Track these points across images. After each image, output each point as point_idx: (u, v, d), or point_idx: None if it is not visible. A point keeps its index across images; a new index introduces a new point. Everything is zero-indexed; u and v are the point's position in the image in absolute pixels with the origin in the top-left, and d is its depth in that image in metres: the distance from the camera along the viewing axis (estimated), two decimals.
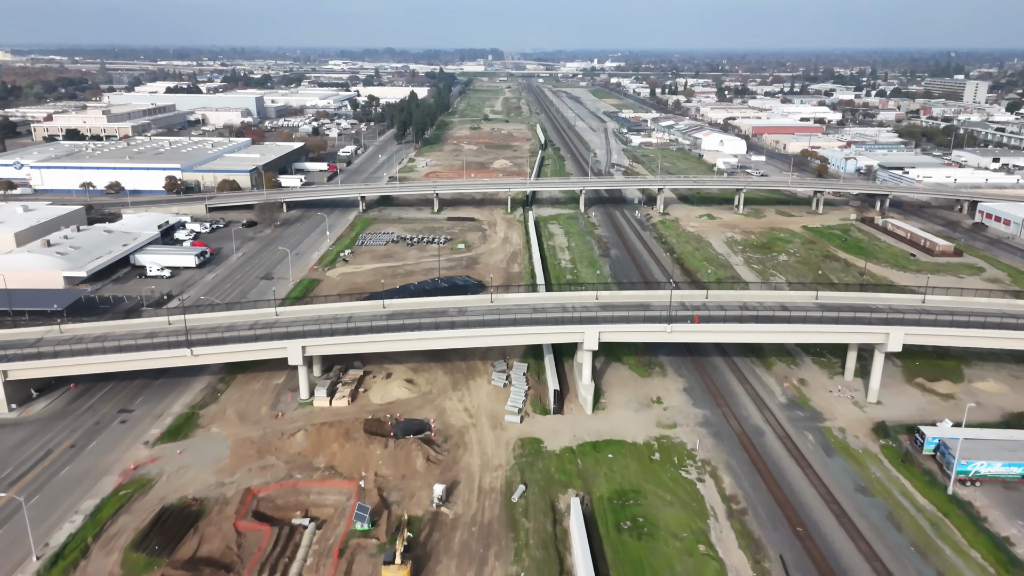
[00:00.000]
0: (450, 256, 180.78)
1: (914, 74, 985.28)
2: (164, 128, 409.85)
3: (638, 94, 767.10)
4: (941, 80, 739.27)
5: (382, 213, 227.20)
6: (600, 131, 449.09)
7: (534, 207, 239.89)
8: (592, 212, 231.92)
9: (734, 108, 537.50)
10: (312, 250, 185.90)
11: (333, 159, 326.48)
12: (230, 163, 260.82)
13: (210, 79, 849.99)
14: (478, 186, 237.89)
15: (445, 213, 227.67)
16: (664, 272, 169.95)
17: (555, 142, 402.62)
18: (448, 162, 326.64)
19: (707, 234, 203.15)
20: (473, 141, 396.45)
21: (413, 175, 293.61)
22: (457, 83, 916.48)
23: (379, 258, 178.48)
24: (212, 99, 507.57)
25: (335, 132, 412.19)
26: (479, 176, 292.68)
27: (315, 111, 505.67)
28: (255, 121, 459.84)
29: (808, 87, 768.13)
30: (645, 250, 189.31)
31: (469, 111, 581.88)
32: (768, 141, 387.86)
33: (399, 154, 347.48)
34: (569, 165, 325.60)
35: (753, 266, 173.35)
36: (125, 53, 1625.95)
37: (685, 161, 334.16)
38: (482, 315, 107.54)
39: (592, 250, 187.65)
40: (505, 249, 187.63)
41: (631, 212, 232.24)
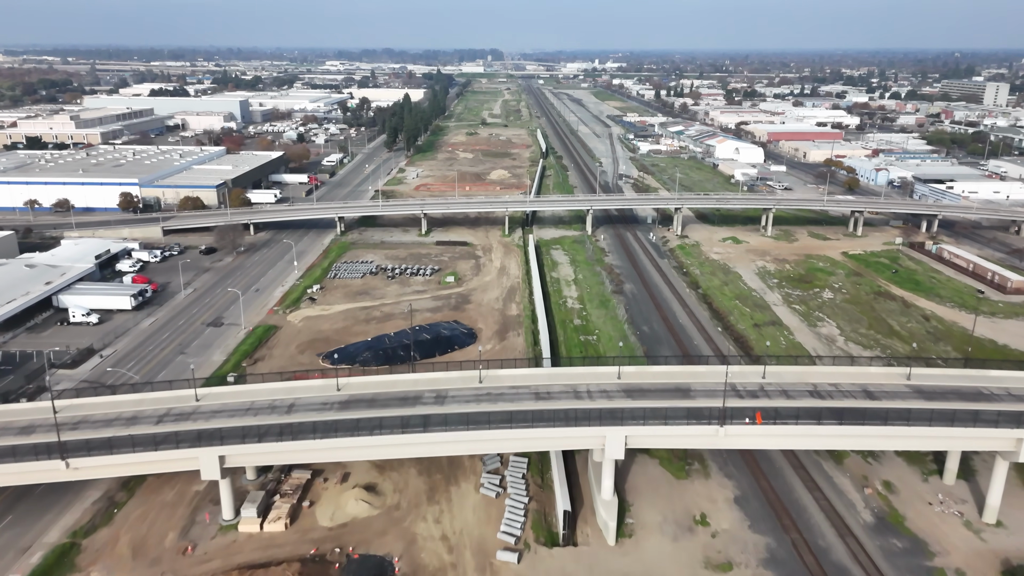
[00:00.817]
0: (437, 292, 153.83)
1: (925, 75, 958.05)
2: (138, 134, 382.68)
3: (642, 96, 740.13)
4: (959, 82, 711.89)
5: (363, 235, 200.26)
6: (605, 137, 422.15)
7: (535, 227, 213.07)
8: (601, 234, 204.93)
9: (745, 112, 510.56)
10: (276, 284, 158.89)
11: (316, 169, 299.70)
12: (196, 177, 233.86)
13: (199, 80, 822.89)
14: (472, 205, 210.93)
15: (434, 235, 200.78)
16: (690, 315, 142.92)
17: (557, 149, 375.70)
18: (441, 172, 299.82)
19: (734, 263, 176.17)
20: (469, 148, 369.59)
21: (402, 188, 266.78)
22: (455, 84, 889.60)
23: (353, 295, 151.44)
24: (194, 103, 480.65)
25: (322, 138, 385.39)
26: (474, 188, 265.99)
27: (304, 115, 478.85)
28: (239, 126, 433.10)
29: (818, 89, 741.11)
30: (665, 284, 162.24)
31: (466, 114, 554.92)
32: (786, 149, 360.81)
33: (388, 163, 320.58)
34: (573, 176, 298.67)
35: (794, 306, 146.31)
36: (120, 53, 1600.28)
37: (699, 171, 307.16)
38: (467, 403, 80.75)
39: (603, 284, 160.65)
40: (501, 283, 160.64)
41: (645, 234, 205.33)
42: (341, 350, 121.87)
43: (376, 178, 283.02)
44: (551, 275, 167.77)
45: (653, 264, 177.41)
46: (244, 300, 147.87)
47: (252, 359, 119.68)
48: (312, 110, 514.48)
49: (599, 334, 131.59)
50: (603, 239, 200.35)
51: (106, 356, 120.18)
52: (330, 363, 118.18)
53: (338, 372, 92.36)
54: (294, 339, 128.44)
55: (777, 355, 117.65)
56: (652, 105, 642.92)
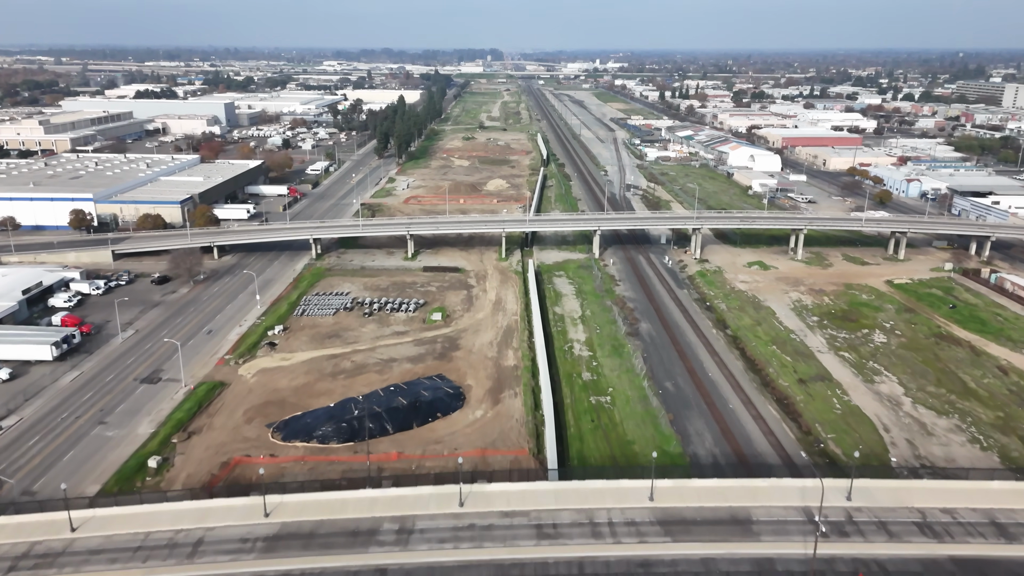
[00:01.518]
0: (420, 335, 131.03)
1: (935, 76, 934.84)
2: (114, 140, 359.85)
3: (645, 97, 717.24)
4: (974, 84, 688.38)
5: (341, 259, 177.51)
6: (609, 142, 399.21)
7: (535, 248, 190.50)
8: (609, 257, 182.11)
9: (755, 114, 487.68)
10: (233, 324, 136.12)
11: (299, 179, 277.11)
12: (160, 191, 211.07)
13: (190, 81, 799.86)
14: (464, 225, 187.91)
15: (422, 259, 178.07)
16: (721, 366, 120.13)
17: (559, 155, 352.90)
18: (435, 182, 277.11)
19: (765, 295, 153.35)
20: (466, 154, 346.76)
21: (390, 200, 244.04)
22: (453, 85, 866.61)
23: (321, 340, 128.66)
24: (177, 105, 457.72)
25: (309, 144, 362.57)
26: (470, 201, 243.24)
27: (292, 118, 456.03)
28: (223, 130, 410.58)
29: (827, 90, 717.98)
30: (687, 323, 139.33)
31: (464, 117, 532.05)
32: (803, 155, 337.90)
33: (378, 172, 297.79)
34: (577, 187, 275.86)
35: (843, 354, 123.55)
36: (117, 54, 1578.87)
37: (712, 181, 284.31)
38: (441, 545, 58.21)
39: (615, 323, 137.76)
40: (496, 321, 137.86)
41: (659, 257, 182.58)
42: (296, 420, 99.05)
43: (363, 189, 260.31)
44: (554, 310, 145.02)
45: (671, 296, 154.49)
46: (194, 344, 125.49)
47: (186, 432, 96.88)
48: (302, 113, 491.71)
49: (613, 394, 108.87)
50: (612, 263, 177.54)
51: (6, 428, 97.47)
52: (281, 438, 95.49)
53: (285, 455, 69.62)
54: (243, 401, 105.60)
55: (799, 380, 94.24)
56: (656, 107, 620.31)
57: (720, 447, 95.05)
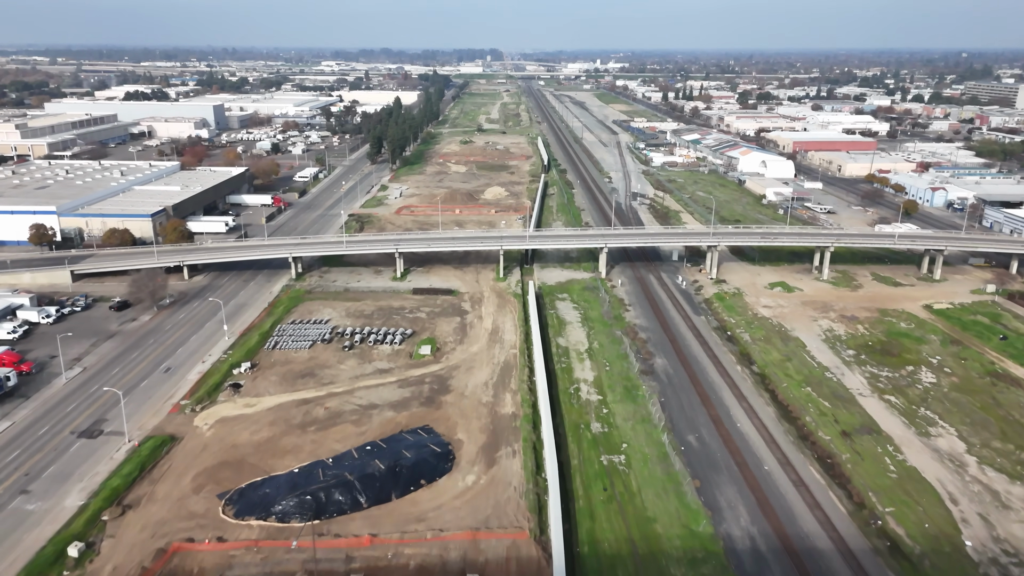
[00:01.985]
0: (406, 373, 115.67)
1: (941, 76, 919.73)
2: (96, 144, 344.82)
3: (648, 99, 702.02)
4: (986, 84, 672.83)
5: (323, 279, 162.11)
6: (612, 146, 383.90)
7: (536, 265, 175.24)
8: (617, 277, 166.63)
9: (762, 117, 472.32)
10: (195, 359, 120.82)
11: (287, 186, 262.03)
12: (131, 202, 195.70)
13: (183, 82, 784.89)
14: (458, 242, 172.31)
15: (412, 279, 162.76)
16: (750, 413, 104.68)
17: (560, 161, 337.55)
18: (429, 190, 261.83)
19: (791, 322, 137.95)
20: (463, 159, 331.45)
21: (381, 210, 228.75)
22: (452, 86, 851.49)
23: (292, 380, 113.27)
24: (164, 108, 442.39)
25: (299, 148, 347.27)
26: (466, 211, 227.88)
27: (284, 121, 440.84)
28: (212, 133, 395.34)
29: (834, 91, 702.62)
30: (708, 358, 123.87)
31: (462, 119, 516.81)
32: (816, 161, 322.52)
33: (370, 179, 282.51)
34: (580, 195, 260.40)
35: (888, 397, 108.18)
36: (114, 54, 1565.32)
37: (723, 189, 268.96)
38: None
39: (626, 359, 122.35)
40: (493, 355, 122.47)
41: (671, 276, 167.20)
42: (253, 489, 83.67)
43: (352, 198, 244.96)
44: (557, 341, 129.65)
45: (687, 324, 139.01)
46: (147, 386, 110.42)
47: (120, 505, 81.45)
48: (294, 115, 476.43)
49: (628, 451, 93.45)
50: (620, 284, 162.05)
51: None
52: (234, 513, 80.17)
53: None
54: (194, 462, 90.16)
55: (843, 433, 78.44)
56: (660, 109, 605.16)
57: (758, 525, 79.70)
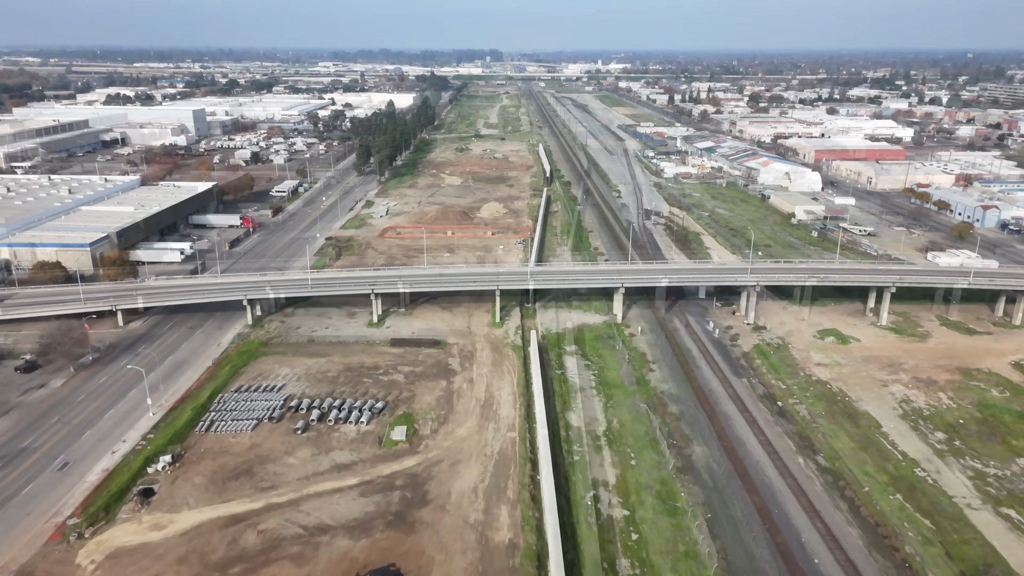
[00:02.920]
0: (373, 470, 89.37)
1: (953, 78, 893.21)
2: (61, 153, 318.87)
3: (653, 101, 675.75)
4: (1005, 86, 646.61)
5: (286, 325, 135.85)
6: (619, 153, 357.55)
7: (540, 303, 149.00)
8: (635, 322, 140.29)
9: (777, 122, 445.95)
10: (104, 447, 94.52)
11: (259, 204, 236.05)
12: (72, 227, 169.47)
13: (171, 84, 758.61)
14: (447, 280, 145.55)
15: (391, 324, 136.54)
16: (827, 536, 78.19)
17: (563, 171, 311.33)
18: (419, 206, 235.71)
19: (855, 388, 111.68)
20: (458, 170, 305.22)
21: (363, 233, 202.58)
22: (450, 88, 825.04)
23: (225, 480, 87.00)
24: (141, 113, 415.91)
25: (282, 157, 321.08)
26: (459, 232, 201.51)
27: (270, 126, 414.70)
28: (190, 140, 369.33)
29: (847, 93, 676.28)
30: (759, 444, 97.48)
31: (459, 124, 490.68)
32: (843, 171, 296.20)
33: (355, 192, 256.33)
34: (587, 214, 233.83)
35: (1007, 511, 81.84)
36: (108, 55, 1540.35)
37: (745, 205, 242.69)
38: None
39: (657, 447, 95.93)
40: (485, 442, 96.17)
41: (699, 319, 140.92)
42: None
43: (332, 218, 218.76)
44: (568, 418, 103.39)
45: (727, 390, 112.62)
46: (32, 492, 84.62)
47: None
48: (281, 120, 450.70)
49: None
50: (640, 331, 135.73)
51: None
52: None
53: None
54: None
55: None
56: (666, 112, 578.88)
57: None
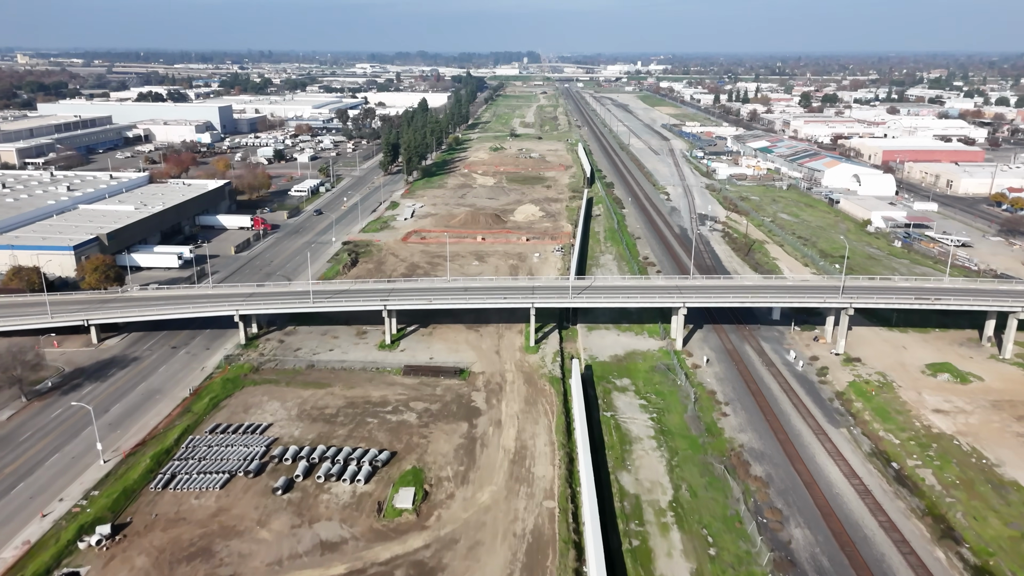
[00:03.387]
0: (367, 554, 67.99)
1: (1016, 79, 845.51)
2: (81, 148, 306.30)
3: (697, 101, 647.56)
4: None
5: (284, 345, 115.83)
6: (665, 153, 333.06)
7: (582, 323, 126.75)
8: (698, 347, 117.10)
9: (834, 121, 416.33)
10: (32, 510, 74.78)
11: (280, 201, 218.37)
12: (60, 228, 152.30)
13: (206, 83, 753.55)
14: (471, 295, 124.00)
15: (406, 346, 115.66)
16: None
17: (605, 171, 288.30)
18: (448, 208, 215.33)
19: (992, 447, 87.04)
20: (491, 170, 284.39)
21: (386, 235, 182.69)
22: (486, 88, 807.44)
23: (172, 566, 66.44)
24: (166, 110, 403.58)
25: (307, 155, 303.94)
26: (490, 237, 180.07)
27: (298, 124, 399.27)
28: (215, 137, 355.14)
29: (905, 93, 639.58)
30: (876, 522, 73.73)
31: (494, 123, 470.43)
32: (916, 174, 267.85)
33: (380, 193, 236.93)
34: (632, 217, 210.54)
35: None
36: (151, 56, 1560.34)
37: (811, 211, 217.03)
38: None
39: (740, 527, 72.99)
40: (514, 514, 74.21)
41: (775, 347, 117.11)
42: None
43: (353, 219, 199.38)
44: (620, 480, 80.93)
45: (824, 445, 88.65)
46: None
47: None
48: (310, 118, 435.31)
49: None
50: (705, 361, 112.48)
51: None
52: None
53: None
54: None
55: None
56: (712, 112, 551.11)
57: None
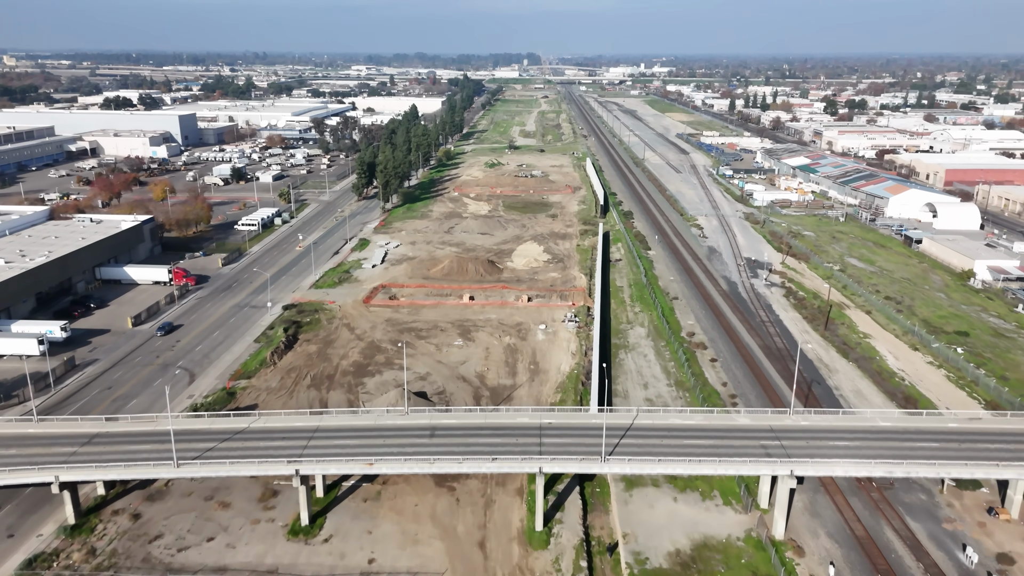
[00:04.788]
0: None
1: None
2: (11, 165, 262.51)
3: (710, 107, 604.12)
4: None
5: (136, 528, 71.49)
6: (687, 171, 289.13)
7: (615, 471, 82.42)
8: (813, 537, 73.09)
9: (873, 131, 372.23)
10: None
11: (222, 238, 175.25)
12: None
13: (186, 87, 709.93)
14: (437, 447, 79.94)
15: (334, 531, 71.53)
16: None
17: (619, 193, 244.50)
18: (431, 247, 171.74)
19: None
20: (486, 192, 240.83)
21: (344, 291, 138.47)
22: (483, 92, 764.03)
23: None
24: (120, 119, 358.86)
25: (271, 174, 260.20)
26: (480, 296, 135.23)
27: (270, 134, 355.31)
28: (172, 151, 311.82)
29: (936, 99, 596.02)
30: None
31: (492, 132, 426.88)
32: (994, 199, 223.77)
33: (350, 224, 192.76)
34: (663, 266, 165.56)
35: None
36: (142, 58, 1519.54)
37: (885, 252, 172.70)
38: None
39: None
40: None
41: (928, 527, 73.13)
42: None
43: (307, 266, 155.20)
44: None
45: None
46: None
47: None
48: (285, 127, 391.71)
49: None
50: (828, 562, 68.39)
51: None
52: None
53: None
54: None
55: None
56: (729, 119, 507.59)
57: None
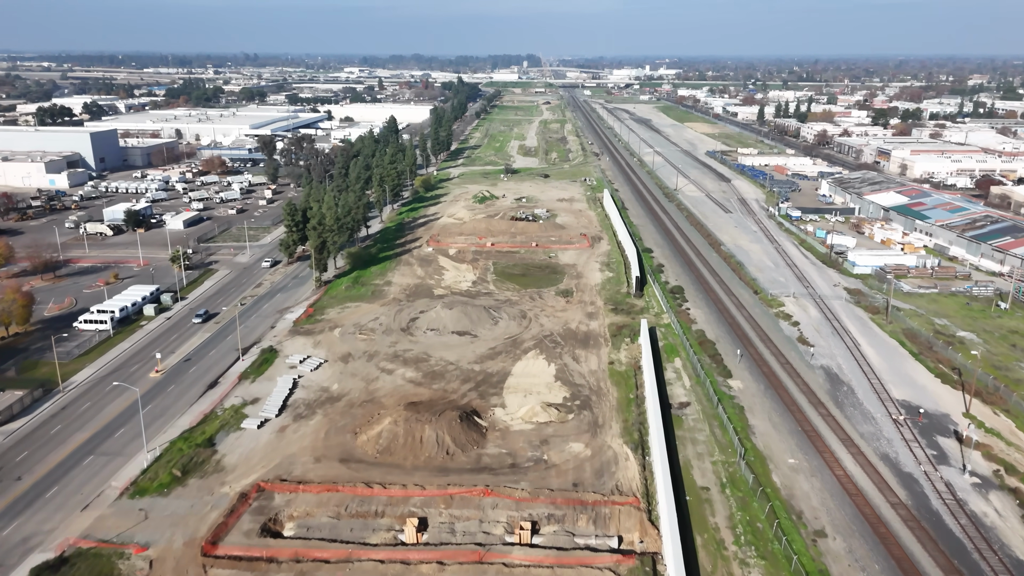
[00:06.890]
0: None
1: None
2: None
3: (733, 115, 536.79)
4: None
5: None
6: (736, 208, 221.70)
7: None
8: None
9: (952, 151, 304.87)
10: None
11: (43, 350, 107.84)
12: None
13: (150, 92, 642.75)
14: None
15: None
16: None
17: (653, 247, 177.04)
18: (371, 368, 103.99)
19: None
20: (472, 246, 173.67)
21: (188, 499, 70.20)
22: (480, 97, 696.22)
23: None
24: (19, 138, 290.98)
25: (181, 219, 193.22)
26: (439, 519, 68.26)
27: (209, 156, 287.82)
28: (78, 178, 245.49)
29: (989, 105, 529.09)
30: None
31: (486, 148, 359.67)
32: None
33: (259, 314, 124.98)
34: (764, 422, 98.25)
35: None
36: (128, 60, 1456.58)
37: None
38: None
39: None
40: None
41: None
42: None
43: (161, 413, 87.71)
44: None
45: None
46: None
47: None
48: (235, 143, 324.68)
49: None
50: None
51: None
52: None
53: None
54: None
55: None
56: (758, 130, 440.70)
57: None
